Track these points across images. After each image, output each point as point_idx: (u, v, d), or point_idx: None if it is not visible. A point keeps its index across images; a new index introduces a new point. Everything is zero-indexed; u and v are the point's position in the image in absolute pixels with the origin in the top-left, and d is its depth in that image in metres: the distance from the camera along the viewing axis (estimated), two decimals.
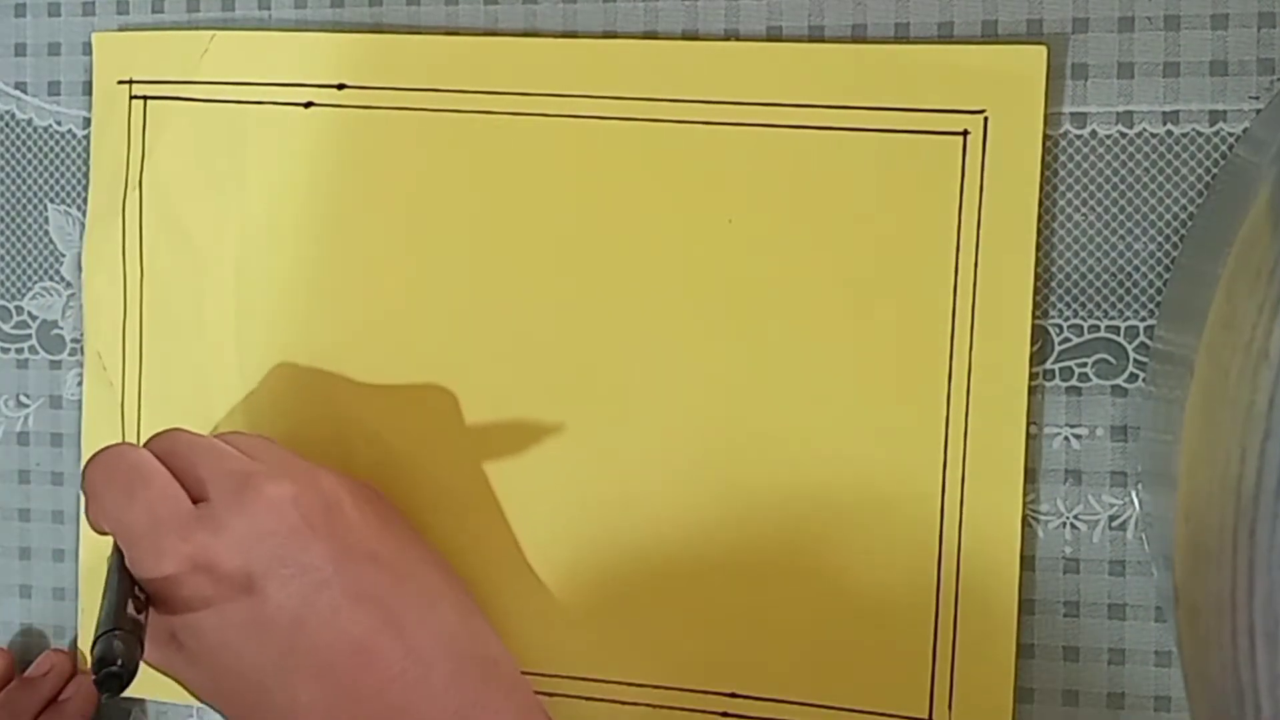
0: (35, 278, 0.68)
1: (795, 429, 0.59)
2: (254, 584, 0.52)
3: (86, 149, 0.66)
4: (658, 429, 0.60)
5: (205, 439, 0.56)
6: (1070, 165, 0.57)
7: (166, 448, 0.56)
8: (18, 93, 0.67)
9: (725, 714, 0.60)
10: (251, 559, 0.52)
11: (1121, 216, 0.56)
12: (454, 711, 0.53)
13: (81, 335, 0.67)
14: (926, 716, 0.58)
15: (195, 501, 0.53)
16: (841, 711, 0.59)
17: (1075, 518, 0.57)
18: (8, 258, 0.68)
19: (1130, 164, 0.56)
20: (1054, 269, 0.57)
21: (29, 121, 0.67)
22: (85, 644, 0.67)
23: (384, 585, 0.54)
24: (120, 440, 0.66)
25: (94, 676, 0.49)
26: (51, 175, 0.67)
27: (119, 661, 0.49)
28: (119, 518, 0.53)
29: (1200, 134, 0.56)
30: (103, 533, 0.54)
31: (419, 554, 0.58)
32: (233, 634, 0.52)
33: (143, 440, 0.65)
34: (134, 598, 0.52)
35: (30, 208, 0.68)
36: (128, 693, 0.65)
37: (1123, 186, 0.56)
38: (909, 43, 0.58)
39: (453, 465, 0.63)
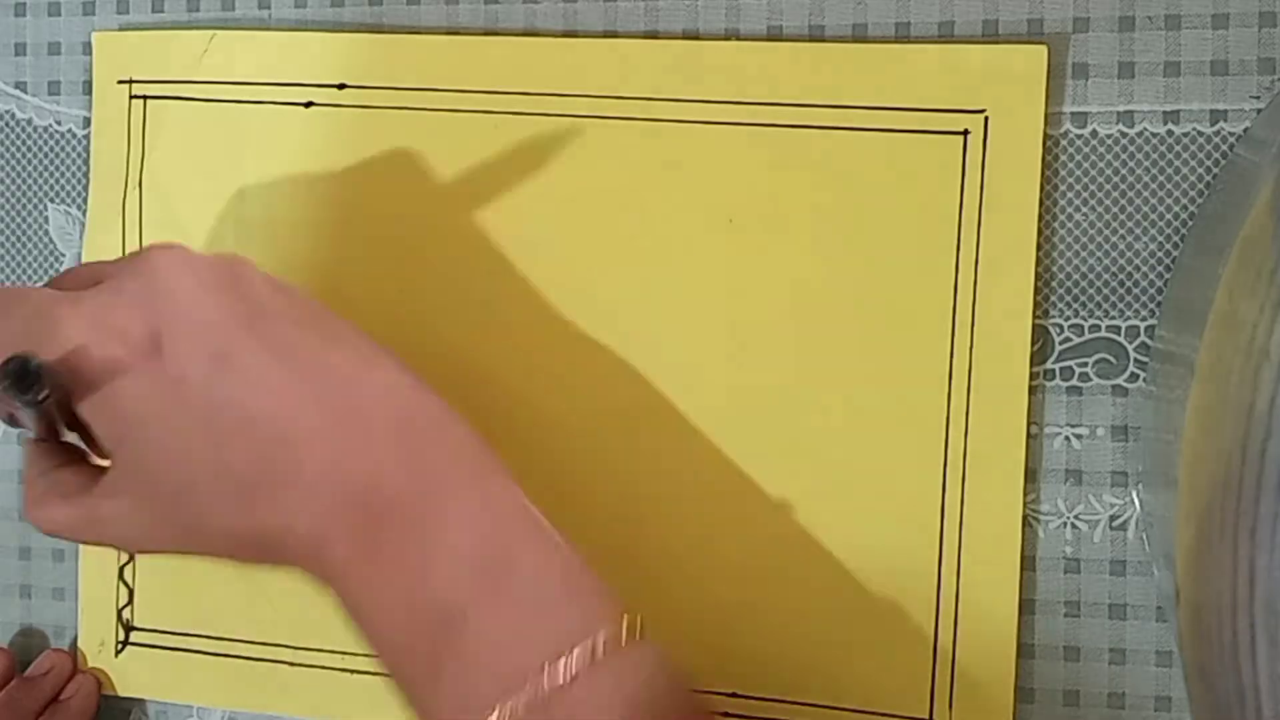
0: (35, 277, 0.68)
1: (795, 429, 0.59)
2: (162, 344, 0.49)
3: (86, 148, 0.66)
4: (657, 428, 0.60)
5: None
6: (1071, 165, 0.57)
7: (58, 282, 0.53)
8: (18, 92, 0.67)
9: (726, 714, 0.60)
10: (155, 318, 0.49)
11: (1122, 216, 0.56)
12: (394, 467, 0.49)
13: None
14: (927, 716, 0.58)
15: None
16: (842, 711, 0.59)
17: (1076, 518, 0.57)
18: (7, 257, 0.68)
19: (1131, 163, 0.56)
20: (1055, 269, 0.57)
21: (29, 121, 0.67)
22: (86, 644, 0.67)
23: (302, 344, 0.51)
24: None
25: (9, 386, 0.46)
26: (51, 175, 0.67)
27: (27, 357, 0.46)
28: (7, 329, 0.49)
29: (1201, 133, 0.56)
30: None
31: (350, 328, 0.54)
32: (153, 404, 0.49)
33: None
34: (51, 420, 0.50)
35: (30, 207, 0.68)
36: (127, 692, 0.66)
37: (1123, 186, 0.56)
38: (909, 42, 0.58)
39: None
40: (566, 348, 0.61)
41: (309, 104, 0.63)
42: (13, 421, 0.53)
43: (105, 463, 0.52)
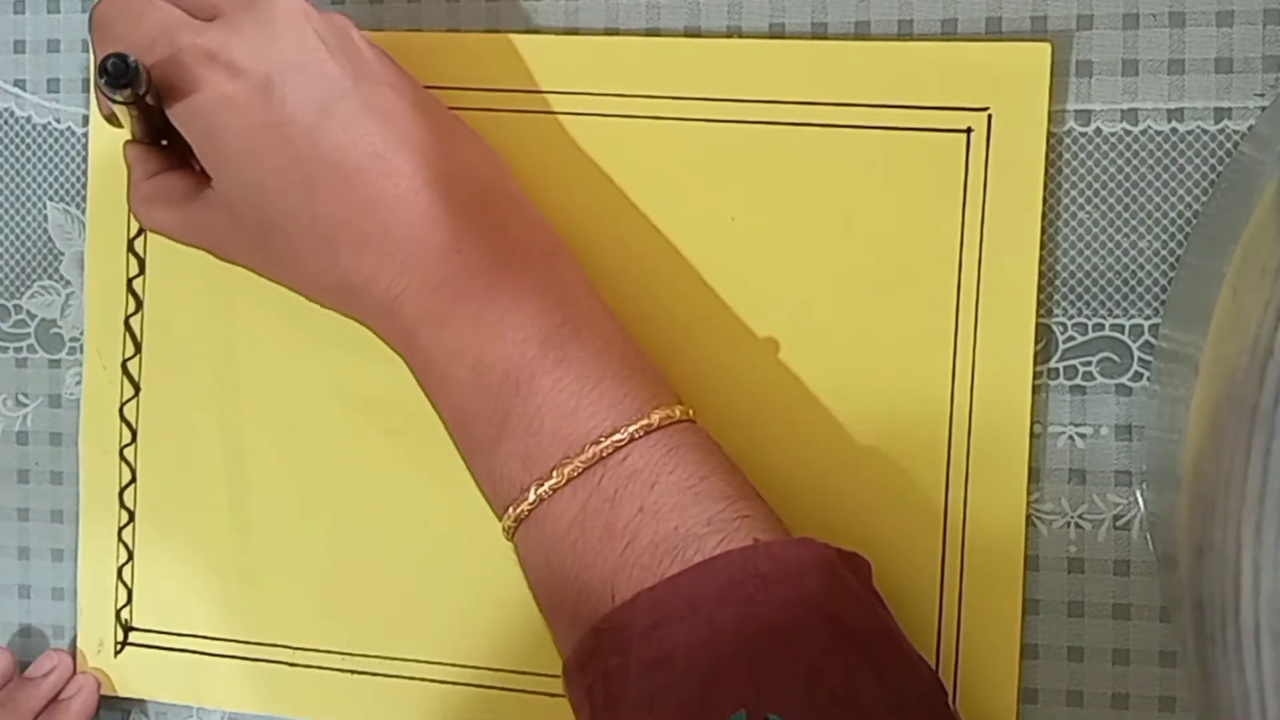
0: (34, 276, 0.67)
1: (798, 427, 0.59)
2: (272, 86, 0.52)
3: (86, 146, 0.66)
4: None
5: None
6: (1074, 163, 0.57)
7: None
8: (17, 90, 0.67)
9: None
10: (268, 62, 0.52)
11: (1126, 214, 0.56)
12: (475, 236, 0.53)
13: (81, 334, 0.66)
14: None
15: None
16: None
17: (1079, 517, 0.57)
18: (6, 256, 0.68)
19: (1135, 161, 0.56)
20: (1058, 267, 0.57)
21: (28, 119, 0.67)
22: (85, 644, 0.67)
23: (401, 109, 0.54)
24: (119, 440, 0.66)
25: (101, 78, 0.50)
26: (51, 173, 0.67)
27: (126, 55, 0.50)
28: (129, 38, 0.53)
29: (1205, 131, 0.56)
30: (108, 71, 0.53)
31: (438, 102, 0.57)
32: (254, 137, 0.52)
33: (142, 441, 0.65)
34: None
35: (29, 205, 0.67)
36: (126, 693, 0.65)
37: (1127, 184, 0.56)
38: (912, 40, 0.58)
39: (456, 463, 0.62)
40: None
41: None
42: (112, 121, 0.58)
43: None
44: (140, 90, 0.51)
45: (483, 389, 0.52)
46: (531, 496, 0.51)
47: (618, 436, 0.50)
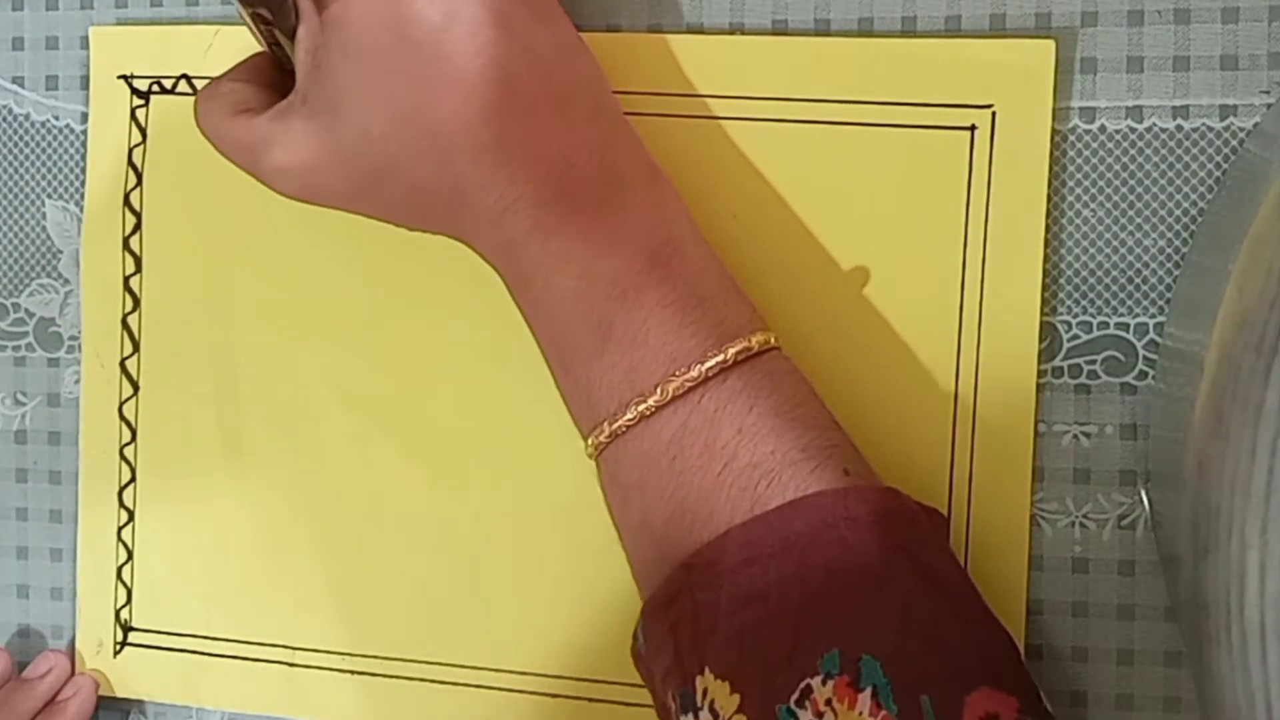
0: (33, 274, 0.67)
1: None
2: None
3: (84, 144, 0.66)
4: None
5: None
6: (1079, 160, 0.56)
7: None
8: (15, 87, 0.67)
9: None
10: None
11: (1131, 212, 0.56)
12: (588, 151, 0.53)
13: (79, 333, 0.66)
14: None
15: None
16: None
17: (1084, 516, 0.57)
18: (5, 254, 0.68)
19: (1140, 159, 0.56)
20: (1063, 265, 0.57)
21: (26, 116, 0.67)
22: (84, 644, 0.67)
23: (523, 20, 0.53)
24: (118, 439, 0.66)
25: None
26: (49, 170, 0.67)
27: None
28: None
29: (1210, 129, 0.55)
30: None
31: (555, 9, 0.56)
32: (377, 33, 0.51)
33: (141, 440, 0.65)
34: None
35: (28, 203, 0.67)
36: (125, 693, 0.65)
37: (1132, 182, 0.56)
38: (916, 37, 0.58)
39: (458, 460, 0.62)
40: None
41: None
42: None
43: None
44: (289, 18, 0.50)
45: (588, 299, 0.52)
46: (631, 412, 0.51)
47: (720, 357, 0.50)
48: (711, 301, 0.52)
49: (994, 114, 0.56)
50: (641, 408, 0.51)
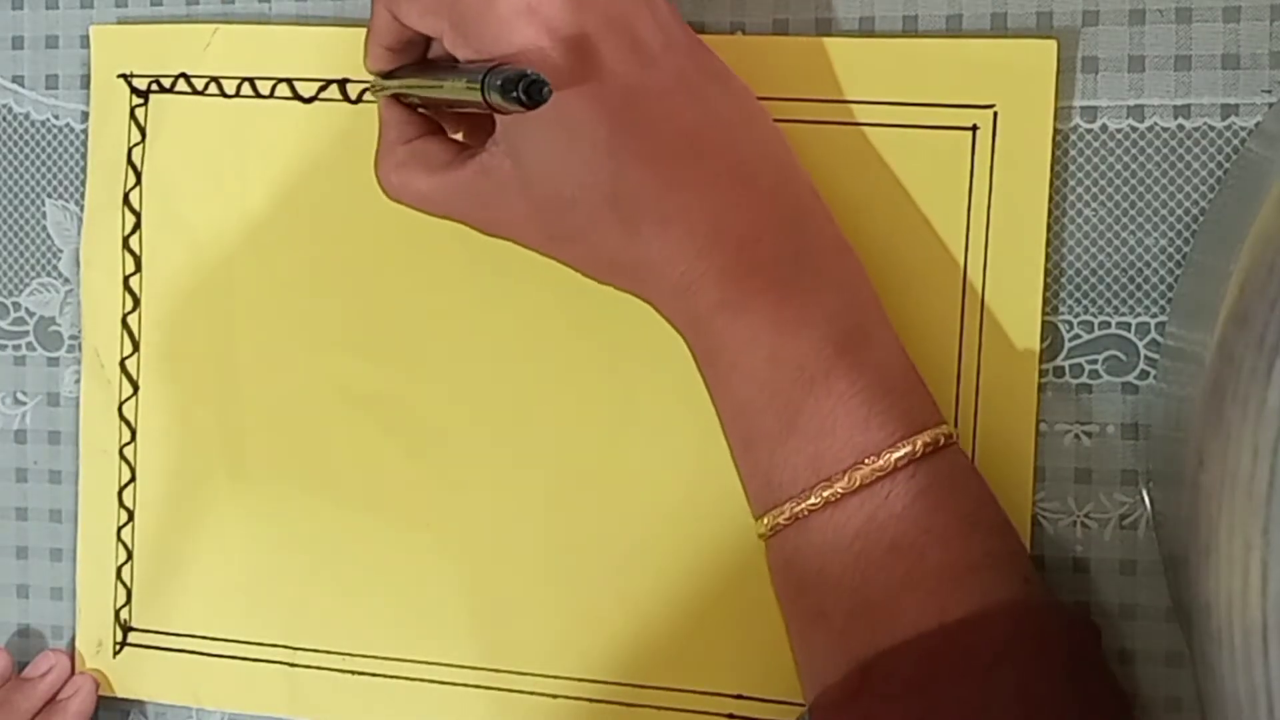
0: (32, 273, 0.67)
1: None
2: (591, 49, 0.50)
3: (84, 143, 0.66)
4: (662, 428, 0.60)
5: None
6: (1080, 160, 0.56)
7: None
8: (15, 86, 0.67)
9: (731, 715, 0.60)
10: (586, 22, 0.50)
11: (1132, 212, 0.56)
12: (776, 225, 0.52)
13: (79, 332, 0.66)
14: None
15: None
16: None
17: (1085, 516, 0.57)
18: (4, 253, 0.68)
19: (1141, 159, 0.56)
20: (1064, 265, 0.56)
21: (26, 115, 0.67)
22: (84, 644, 0.67)
23: (710, 87, 0.53)
24: (118, 439, 0.66)
25: (508, 95, 0.47)
26: (49, 169, 0.67)
27: (526, 72, 0.47)
28: (449, 2, 0.51)
29: (1212, 128, 0.55)
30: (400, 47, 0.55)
31: (735, 76, 0.55)
32: (568, 99, 0.50)
33: (141, 440, 0.65)
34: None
35: (27, 202, 0.67)
36: (125, 693, 0.65)
37: (1133, 181, 0.56)
38: (917, 36, 0.58)
39: (458, 460, 0.62)
40: (575, 340, 0.61)
41: (311, 99, 0.63)
42: (376, 88, 0.56)
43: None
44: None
45: (775, 382, 0.51)
46: (814, 499, 0.50)
47: (909, 449, 0.50)
48: (898, 391, 0.51)
49: (995, 114, 0.56)
50: (827, 494, 0.50)
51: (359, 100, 0.62)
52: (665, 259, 0.51)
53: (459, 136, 0.58)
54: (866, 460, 0.50)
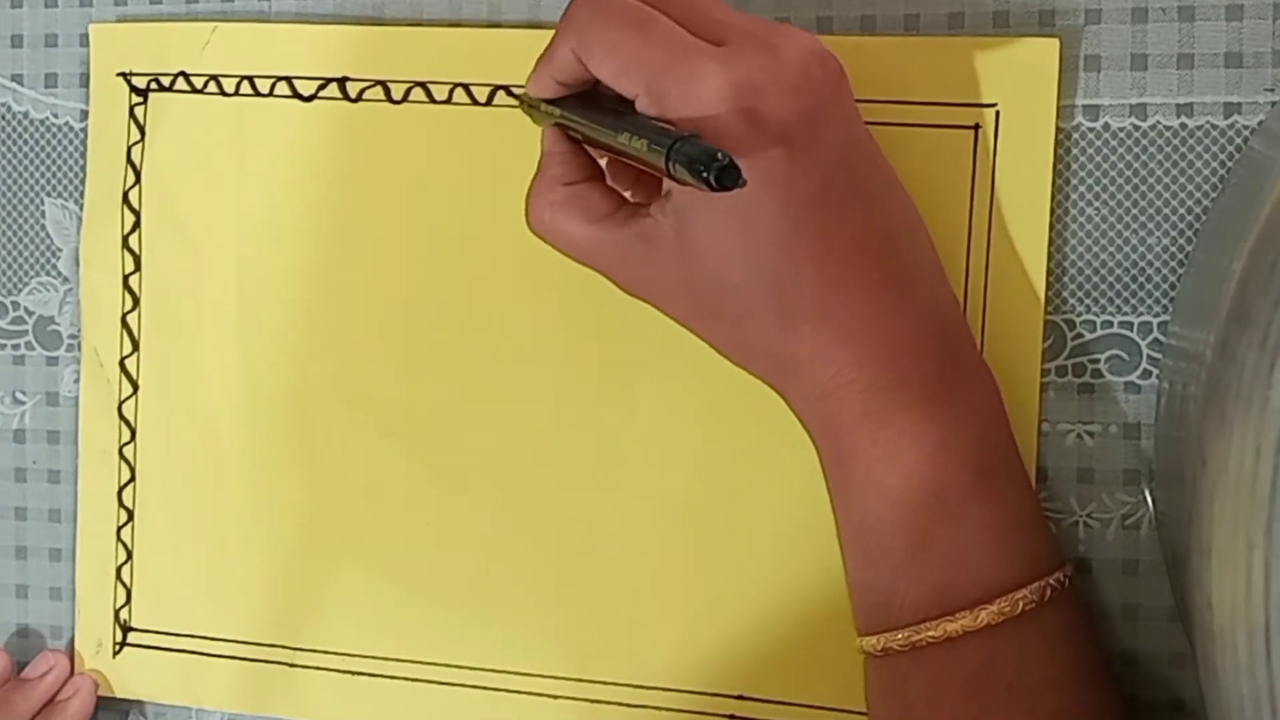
0: (31, 273, 0.67)
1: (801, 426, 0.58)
2: (788, 144, 0.48)
3: (84, 142, 0.66)
4: (663, 429, 0.60)
5: None
6: (1083, 159, 0.56)
7: None
8: (14, 84, 0.67)
9: (731, 716, 0.60)
10: (788, 118, 0.48)
11: (1135, 210, 0.56)
12: (928, 339, 0.51)
13: (78, 331, 0.66)
14: None
15: None
16: (849, 714, 0.59)
17: (1088, 516, 0.57)
18: (3, 252, 0.68)
19: (1144, 157, 0.56)
20: (1066, 264, 0.56)
21: (25, 114, 0.67)
22: (83, 644, 0.67)
23: (881, 193, 0.52)
24: (117, 438, 0.66)
25: (695, 171, 0.44)
26: (48, 168, 0.67)
27: (718, 154, 0.43)
28: (635, 52, 0.49)
29: (1215, 127, 0.55)
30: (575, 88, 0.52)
31: (897, 179, 0.54)
32: (758, 194, 0.47)
33: (141, 440, 0.65)
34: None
35: (27, 201, 0.67)
36: (124, 694, 0.65)
37: (1136, 180, 0.56)
38: (919, 35, 0.57)
39: (458, 460, 0.62)
40: (575, 338, 0.61)
41: (311, 97, 0.63)
42: (535, 112, 0.54)
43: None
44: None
45: (908, 503, 0.50)
46: (935, 631, 0.49)
47: (1035, 594, 0.49)
48: (1028, 529, 0.51)
49: (998, 112, 0.56)
50: (950, 628, 0.49)
51: (359, 99, 0.62)
52: (816, 359, 0.50)
53: (617, 184, 0.56)
54: (994, 601, 0.49)
